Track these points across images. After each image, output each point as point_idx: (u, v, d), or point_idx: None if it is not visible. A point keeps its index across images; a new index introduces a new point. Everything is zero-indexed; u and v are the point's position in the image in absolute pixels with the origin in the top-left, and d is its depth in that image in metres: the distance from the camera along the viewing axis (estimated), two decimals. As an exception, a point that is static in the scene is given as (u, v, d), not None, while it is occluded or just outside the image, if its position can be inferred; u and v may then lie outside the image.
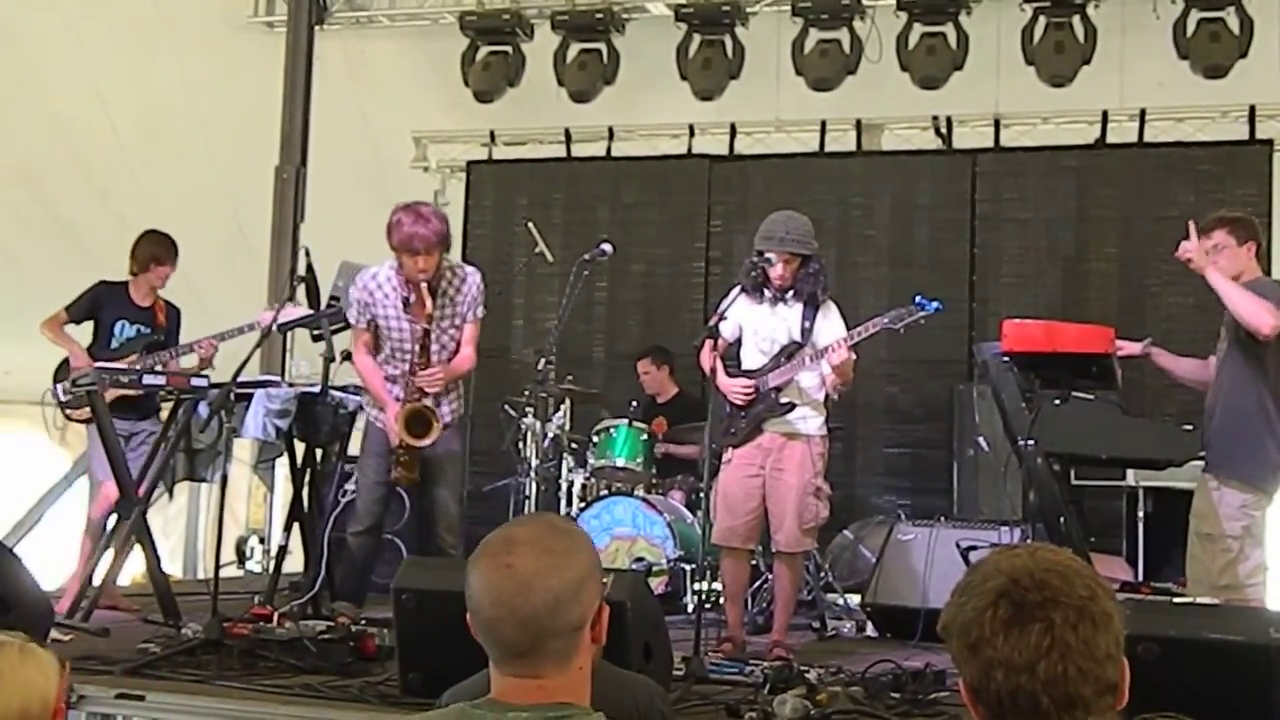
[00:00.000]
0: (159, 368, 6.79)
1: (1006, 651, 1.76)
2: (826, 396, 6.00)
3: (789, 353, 5.93)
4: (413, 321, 5.85)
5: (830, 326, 5.92)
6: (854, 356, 5.84)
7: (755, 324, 6.00)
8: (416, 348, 5.84)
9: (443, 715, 2.13)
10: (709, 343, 5.89)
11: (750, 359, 6.03)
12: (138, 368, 6.56)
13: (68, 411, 6.70)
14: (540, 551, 2.07)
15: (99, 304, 6.92)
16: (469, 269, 6.06)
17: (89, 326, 6.94)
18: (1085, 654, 1.75)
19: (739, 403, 5.93)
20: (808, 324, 5.92)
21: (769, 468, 5.91)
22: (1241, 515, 5.17)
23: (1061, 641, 1.75)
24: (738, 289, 5.99)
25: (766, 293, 5.96)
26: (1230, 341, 5.31)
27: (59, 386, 6.71)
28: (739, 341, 6.06)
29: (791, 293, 5.93)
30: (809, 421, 5.95)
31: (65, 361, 6.85)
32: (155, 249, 6.97)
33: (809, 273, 5.91)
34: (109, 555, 6.23)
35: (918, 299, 5.83)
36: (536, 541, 2.09)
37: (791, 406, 5.91)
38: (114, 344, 6.86)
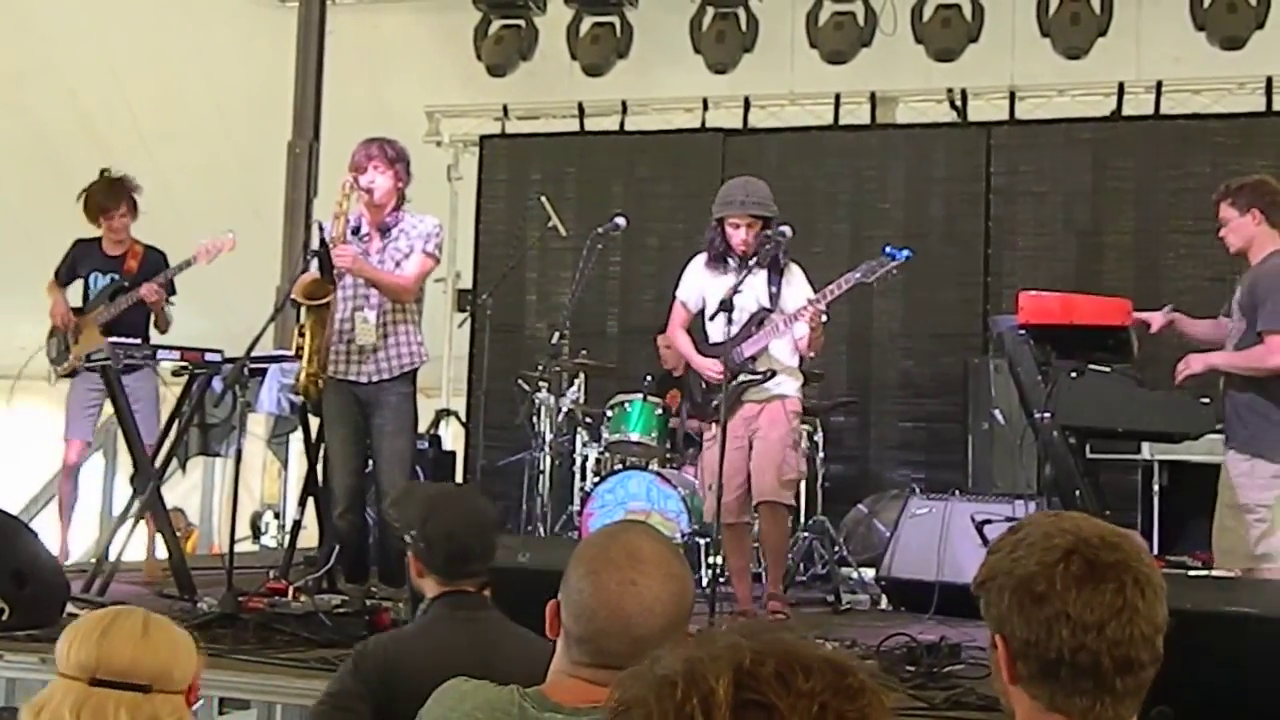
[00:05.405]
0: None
1: (1078, 608, 1.74)
2: (801, 360, 5.97)
3: (759, 320, 5.87)
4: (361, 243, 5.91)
5: (797, 289, 5.87)
6: (826, 316, 5.78)
7: (719, 294, 5.84)
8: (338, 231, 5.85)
9: (498, 695, 2.13)
10: (683, 315, 5.88)
11: (717, 331, 5.93)
12: (154, 344, 6.57)
13: (56, 368, 6.83)
14: (665, 575, 2.09)
15: (76, 262, 6.93)
16: (434, 218, 6.10)
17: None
18: (1148, 620, 1.75)
19: (713, 382, 5.88)
20: (774, 289, 5.86)
21: (751, 436, 5.87)
22: (1274, 485, 5.14)
23: (1131, 604, 1.75)
24: (701, 258, 5.96)
25: (730, 261, 5.90)
26: (1245, 320, 5.26)
27: (50, 343, 6.86)
28: (703, 313, 6.01)
29: (755, 259, 5.83)
30: (784, 385, 5.91)
31: None
32: (97, 199, 6.86)
33: (770, 236, 5.84)
34: (123, 530, 6.28)
35: (887, 249, 5.79)
36: (661, 562, 2.10)
37: (771, 374, 5.86)
38: (90, 296, 6.89)
